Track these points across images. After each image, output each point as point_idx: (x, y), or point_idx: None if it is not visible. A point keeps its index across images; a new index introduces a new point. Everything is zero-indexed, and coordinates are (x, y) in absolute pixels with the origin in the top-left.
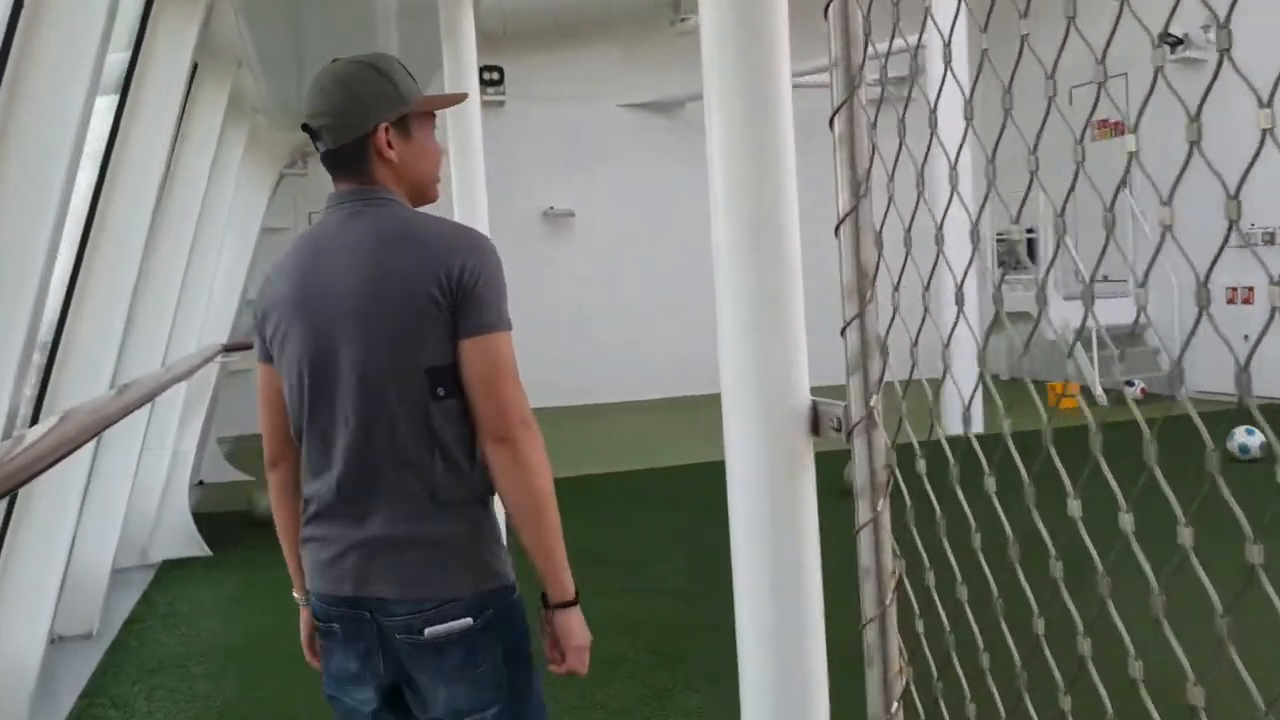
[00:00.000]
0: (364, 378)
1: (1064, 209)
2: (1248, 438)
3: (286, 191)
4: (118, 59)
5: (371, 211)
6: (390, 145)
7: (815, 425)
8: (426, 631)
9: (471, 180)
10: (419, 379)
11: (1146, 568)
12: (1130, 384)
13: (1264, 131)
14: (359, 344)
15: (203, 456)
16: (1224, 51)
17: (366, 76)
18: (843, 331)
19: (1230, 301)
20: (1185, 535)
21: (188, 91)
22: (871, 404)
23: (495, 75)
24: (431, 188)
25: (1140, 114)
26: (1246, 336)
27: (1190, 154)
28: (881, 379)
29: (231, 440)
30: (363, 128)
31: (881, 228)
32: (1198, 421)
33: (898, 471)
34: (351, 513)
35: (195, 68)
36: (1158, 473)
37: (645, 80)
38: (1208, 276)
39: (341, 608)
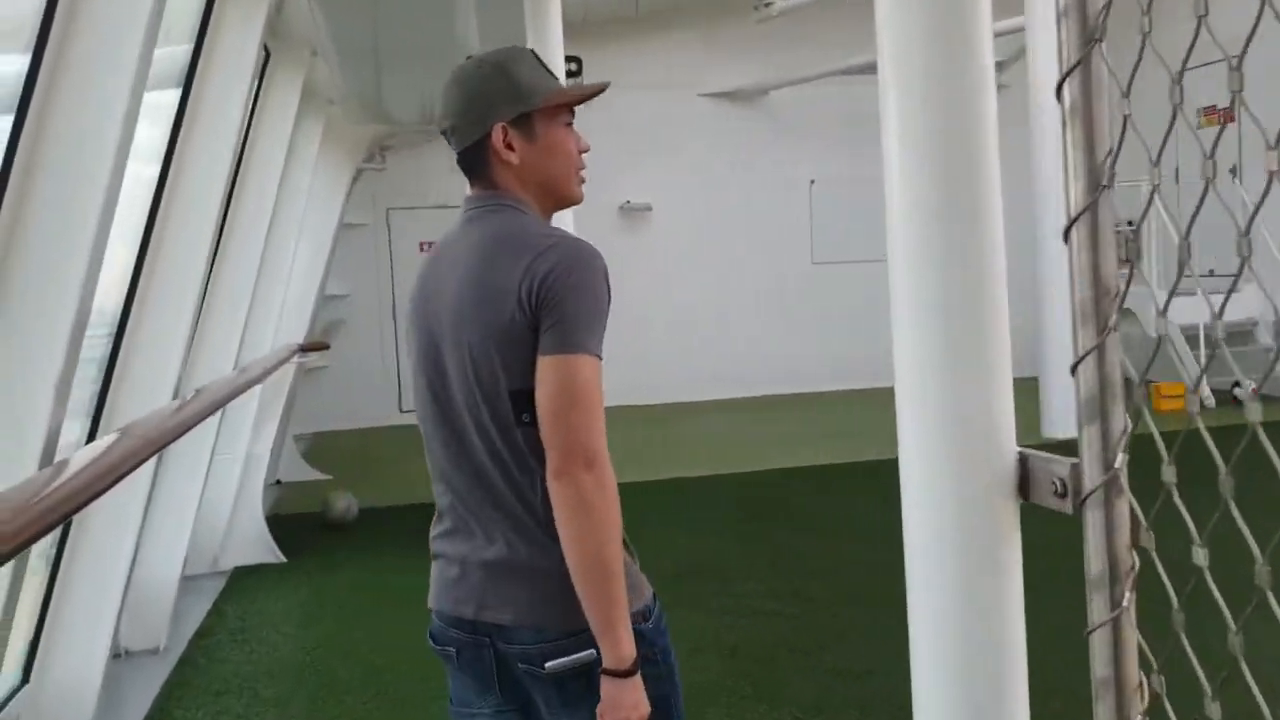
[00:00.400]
0: (465, 396)
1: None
2: None
3: (365, 187)
4: (184, 50)
5: (486, 218)
6: (510, 147)
7: (1024, 486)
8: (547, 665)
9: None
10: (505, 402)
11: None
12: (1239, 385)
13: None
14: (456, 360)
15: (279, 456)
16: None
17: (484, 74)
18: (1074, 369)
19: None
20: None
21: (259, 81)
22: (1116, 465)
23: (574, 65)
24: (566, 188)
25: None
26: None
27: None
28: (1127, 432)
29: (309, 437)
30: (479, 130)
31: (1139, 226)
32: None
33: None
34: (474, 531)
35: (267, 56)
36: None
37: (727, 69)
38: None
39: (461, 631)
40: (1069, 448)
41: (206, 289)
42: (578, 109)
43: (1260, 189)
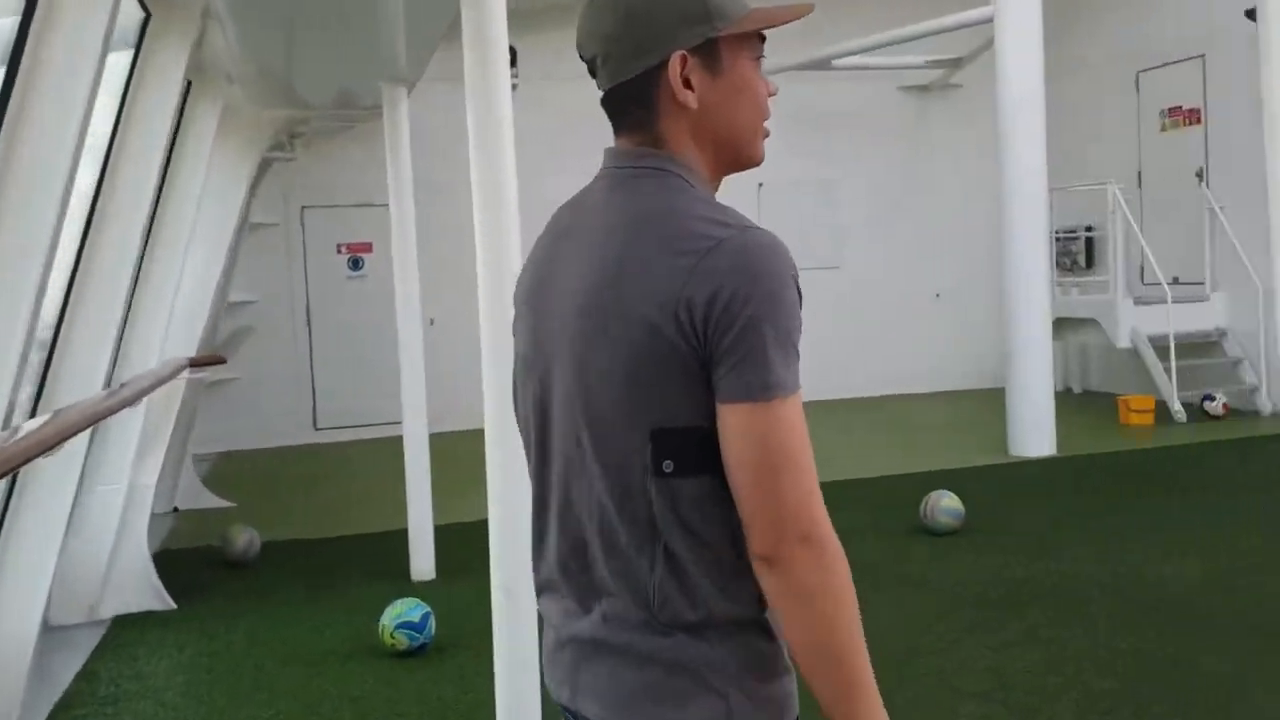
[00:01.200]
0: (574, 422)
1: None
2: None
3: (275, 182)
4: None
5: (634, 186)
6: (689, 84)
7: None
8: None
9: (497, 170)
10: (638, 443)
11: None
12: (1210, 398)
13: None
14: (571, 373)
15: (176, 482)
16: None
17: None
18: None
19: None
20: None
21: (136, 51)
22: None
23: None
24: (751, 145)
25: None
26: None
27: None
28: None
29: (214, 458)
30: (647, 58)
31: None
32: None
33: None
34: (571, 594)
35: (147, 16)
36: None
37: None
38: None
39: (565, 715)
40: (1038, 466)
41: (69, 297)
42: (521, 100)
43: (1229, 192)
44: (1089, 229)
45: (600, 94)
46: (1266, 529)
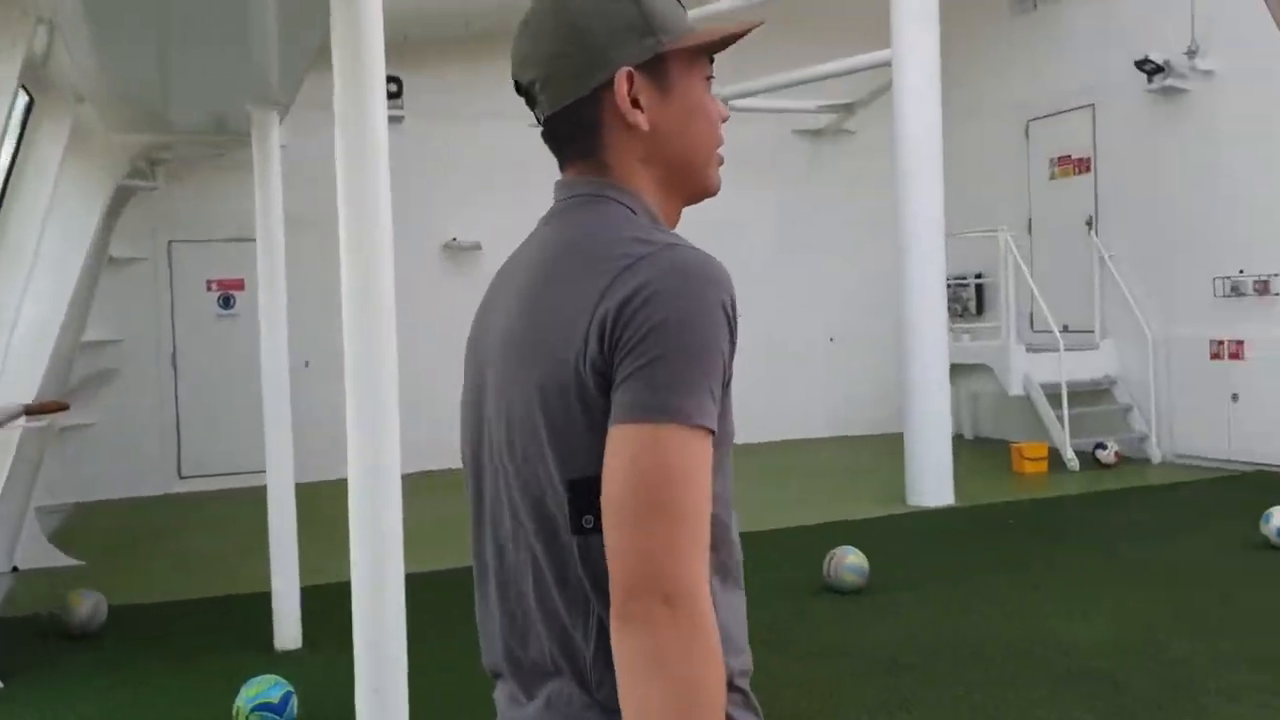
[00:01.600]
0: (501, 478)
1: None
2: None
3: (141, 214)
4: None
5: (570, 216)
6: (637, 103)
7: None
8: None
9: (370, 205)
10: (558, 496)
11: None
12: (1102, 446)
13: None
14: (499, 420)
15: (16, 538)
16: None
17: None
18: None
19: (1215, 357)
20: None
21: None
22: None
23: (393, 87)
24: (706, 173)
25: None
26: (1236, 396)
27: None
28: None
29: (66, 511)
30: (592, 76)
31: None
32: None
33: None
34: (514, 677)
35: None
36: None
37: None
38: None
39: None
40: (938, 517)
41: None
42: (406, 134)
43: (1118, 240)
44: (979, 276)
45: (540, 125)
46: (1168, 585)
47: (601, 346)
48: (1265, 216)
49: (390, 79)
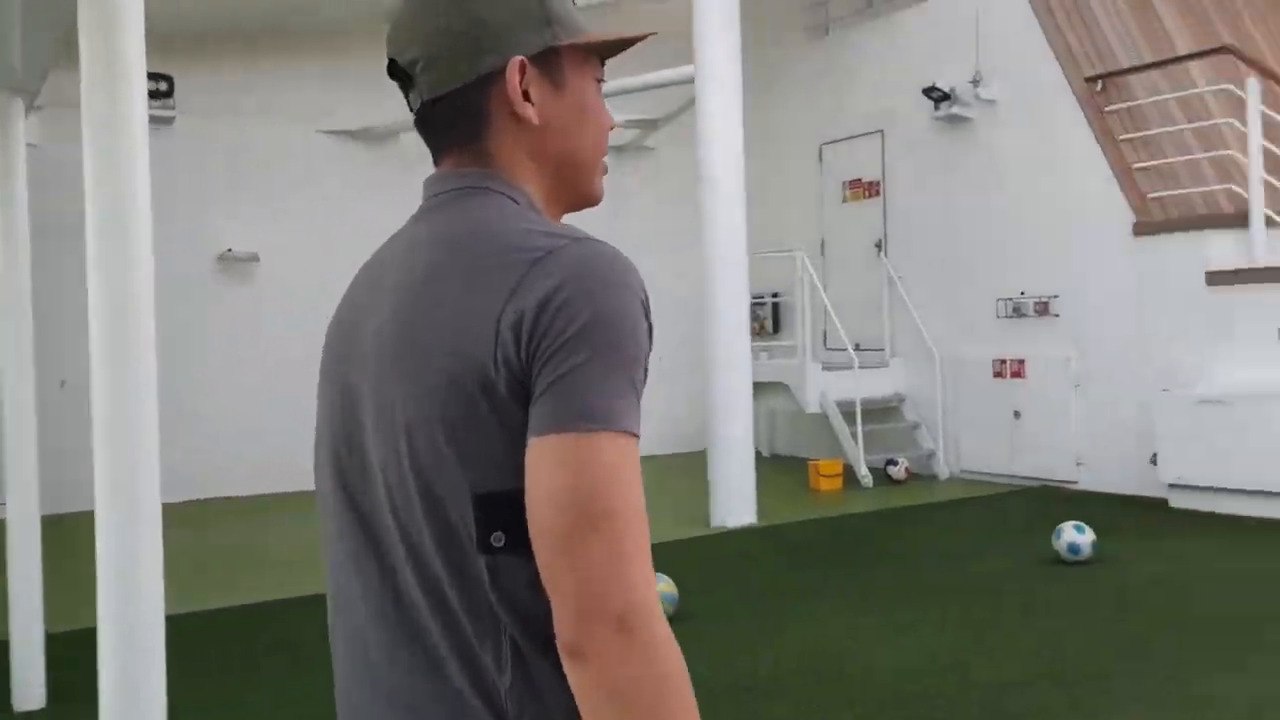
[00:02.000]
0: (393, 496)
1: None
2: (1078, 535)
3: None
4: None
5: (450, 209)
6: (528, 96)
7: None
8: None
9: (130, 211)
10: (462, 513)
11: None
12: (893, 463)
13: None
14: (383, 436)
15: None
16: None
17: None
18: None
19: (998, 375)
20: None
21: None
22: None
23: (163, 85)
24: (591, 179)
25: None
26: (1018, 413)
27: None
28: None
29: None
30: (482, 61)
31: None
32: None
33: None
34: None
35: None
36: None
37: (354, 104)
38: None
39: None
40: (742, 538)
41: None
42: (177, 135)
43: (906, 262)
44: (775, 295)
45: (414, 110)
46: (967, 604)
47: (518, 351)
48: (1044, 240)
49: (160, 76)
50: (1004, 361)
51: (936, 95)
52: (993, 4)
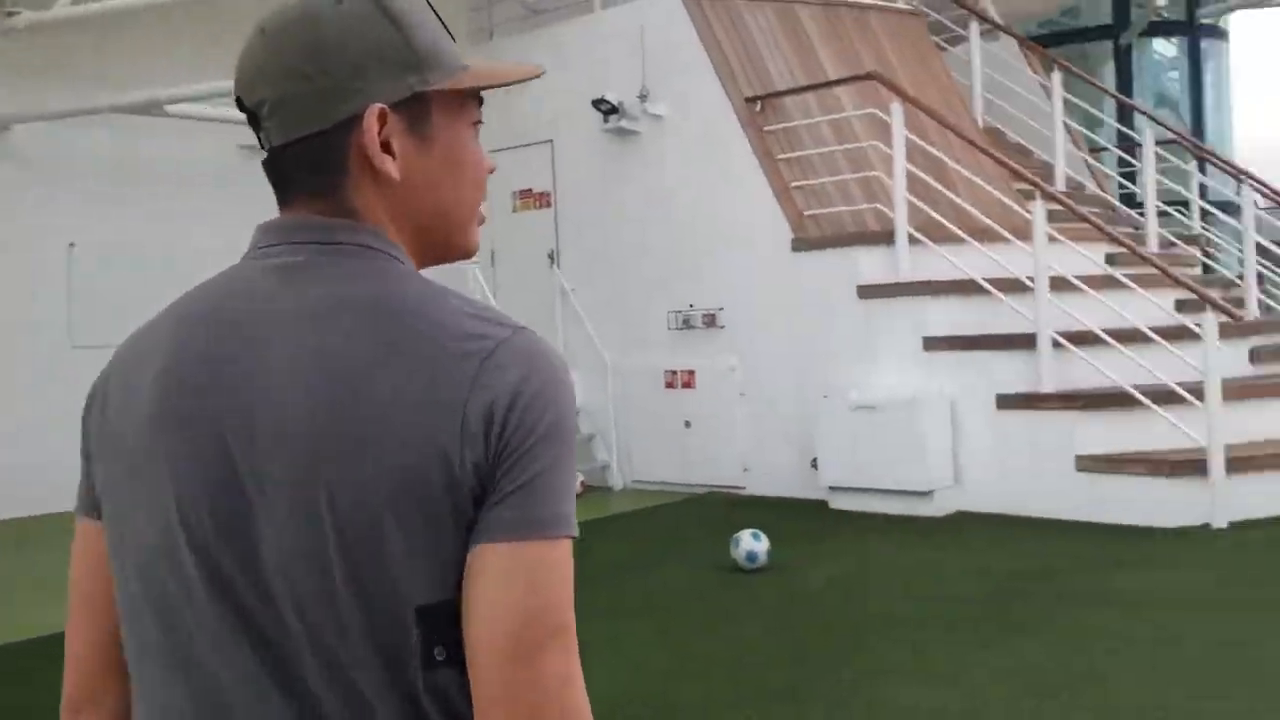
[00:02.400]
0: (306, 603)
1: None
2: (755, 543)
3: None
4: None
5: (334, 269)
6: (389, 149)
7: None
8: None
9: None
10: (400, 627)
11: None
12: None
13: None
14: (294, 531)
15: None
16: None
17: (354, 11)
18: None
19: (669, 386)
20: None
21: None
22: None
23: None
24: (465, 233)
25: None
26: (688, 423)
27: None
28: None
29: None
30: (337, 108)
31: None
32: None
33: None
34: None
35: None
36: None
37: None
38: None
39: None
40: None
41: None
42: None
43: (577, 273)
44: None
45: (265, 150)
46: (655, 621)
47: (486, 447)
48: (711, 254)
49: None
50: (675, 372)
51: (605, 108)
52: (657, 21)
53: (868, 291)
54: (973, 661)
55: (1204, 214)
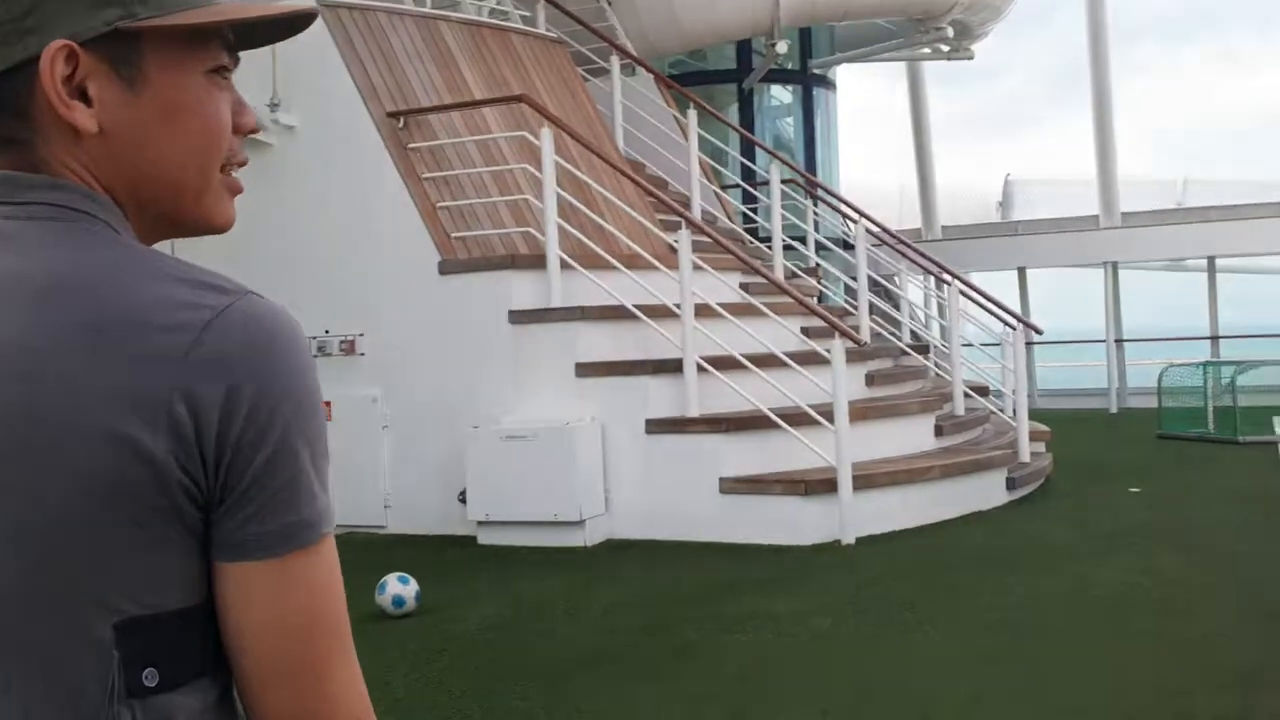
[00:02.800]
0: None
1: None
2: (402, 587)
3: None
4: None
5: (21, 236)
6: (86, 95)
7: None
8: None
9: None
10: (96, 649)
11: None
12: None
13: None
14: None
15: None
16: None
17: None
18: None
19: None
20: None
21: None
22: None
23: None
24: (200, 201)
25: None
26: None
27: None
28: None
29: None
30: (14, 48)
31: None
32: None
33: None
34: None
35: None
36: None
37: None
38: None
39: None
40: None
41: None
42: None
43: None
44: None
45: None
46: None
47: (199, 444)
48: (350, 276)
49: None
50: None
51: None
52: None
53: (519, 317)
54: (638, 696)
55: (818, 247)
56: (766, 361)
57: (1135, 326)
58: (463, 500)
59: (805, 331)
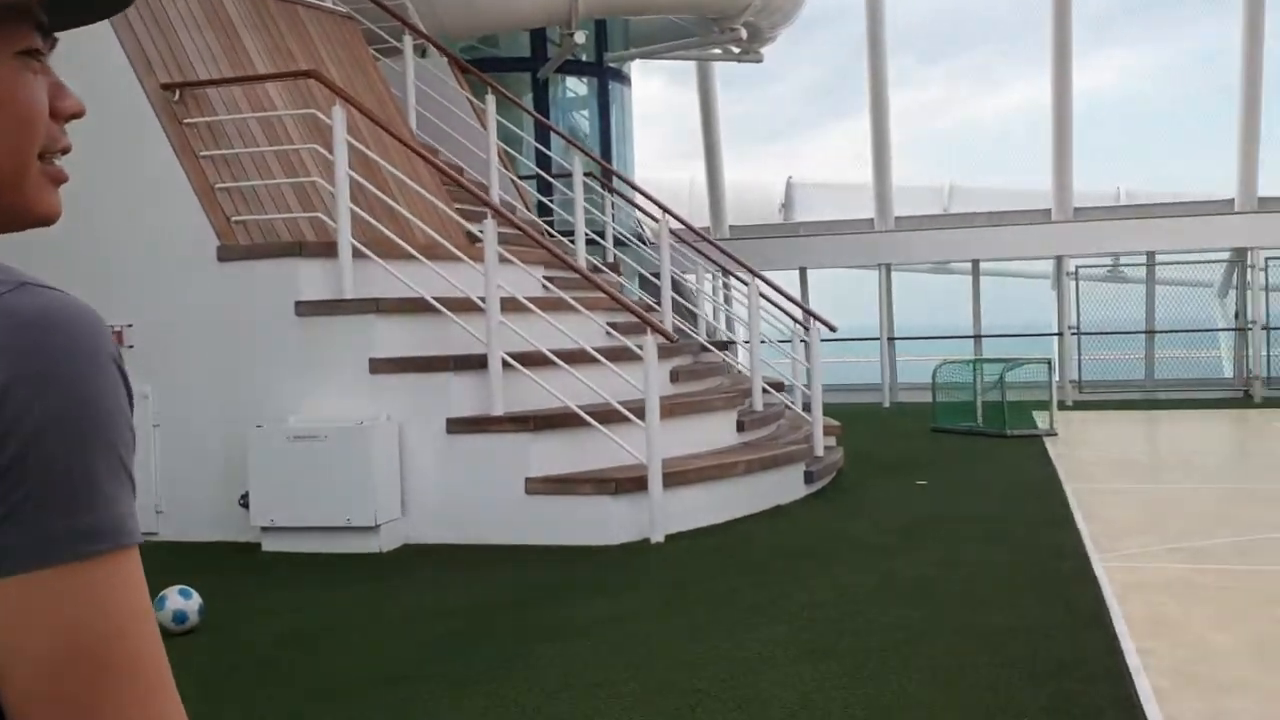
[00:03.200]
0: None
1: None
2: (184, 601)
3: None
4: None
5: None
6: None
7: None
8: None
9: None
10: None
11: None
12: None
13: None
14: None
15: None
16: None
17: None
18: None
19: None
20: None
21: None
22: None
23: None
24: (14, 190)
25: None
26: None
27: None
28: None
29: None
30: None
31: None
32: None
33: None
34: None
35: None
36: None
37: None
38: None
39: None
40: None
41: None
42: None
43: None
44: None
45: None
46: None
47: None
48: (115, 261)
49: None
50: None
51: None
52: None
53: (307, 308)
54: (443, 714)
55: (616, 242)
56: (575, 357)
57: (907, 325)
58: (244, 504)
59: (614, 327)
